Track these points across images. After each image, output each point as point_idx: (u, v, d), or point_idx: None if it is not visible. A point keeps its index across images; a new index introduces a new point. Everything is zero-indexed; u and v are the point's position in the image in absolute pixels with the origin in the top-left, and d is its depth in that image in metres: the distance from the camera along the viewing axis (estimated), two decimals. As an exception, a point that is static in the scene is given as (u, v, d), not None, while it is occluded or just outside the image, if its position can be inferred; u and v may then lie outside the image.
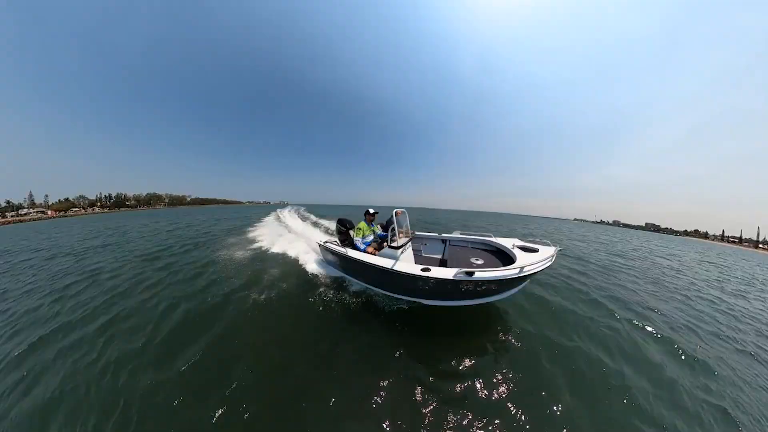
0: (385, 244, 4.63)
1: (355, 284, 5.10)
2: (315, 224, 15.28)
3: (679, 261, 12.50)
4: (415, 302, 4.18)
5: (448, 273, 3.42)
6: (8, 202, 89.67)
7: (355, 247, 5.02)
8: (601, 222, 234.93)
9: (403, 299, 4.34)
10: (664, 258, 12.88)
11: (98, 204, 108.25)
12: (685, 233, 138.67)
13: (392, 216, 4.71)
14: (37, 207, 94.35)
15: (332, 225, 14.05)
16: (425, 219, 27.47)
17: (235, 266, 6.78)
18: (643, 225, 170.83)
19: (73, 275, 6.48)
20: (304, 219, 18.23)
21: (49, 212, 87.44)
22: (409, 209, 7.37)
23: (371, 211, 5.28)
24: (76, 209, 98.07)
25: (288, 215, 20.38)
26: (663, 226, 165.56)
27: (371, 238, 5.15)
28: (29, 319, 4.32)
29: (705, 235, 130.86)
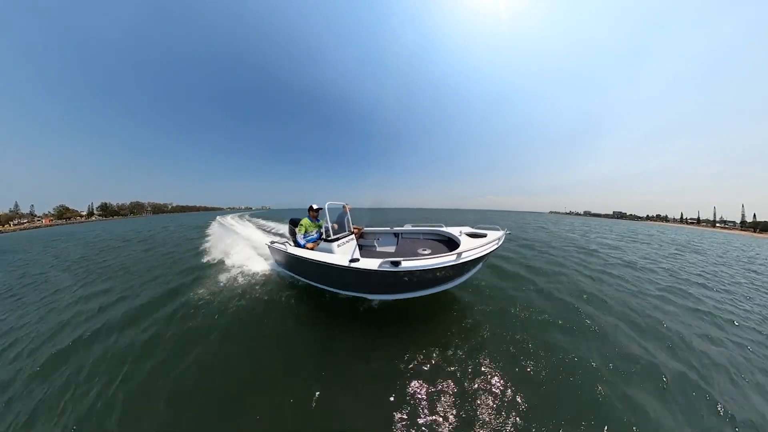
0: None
1: (302, 283, 4.99)
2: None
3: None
4: (361, 297, 4.00)
5: (372, 264, 3.30)
6: (11, 210, 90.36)
7: (298, 245, 4.92)
8: (571, 213, 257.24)
9: (347, 295, 4.12)
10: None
11: (95, 213, 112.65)
12: (647, 218, 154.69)
13: (325, 209, 4.61)
14: (29, 216, 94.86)
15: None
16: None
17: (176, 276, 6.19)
18: (611, 213, 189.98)
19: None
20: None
21: (44, 221, 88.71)
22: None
23: (315, 206, 5.01)
24: (79, 218, 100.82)
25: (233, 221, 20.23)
26: (628, 213, 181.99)
27: (315, 234, 5.05)
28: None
29: (665, 219, 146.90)
